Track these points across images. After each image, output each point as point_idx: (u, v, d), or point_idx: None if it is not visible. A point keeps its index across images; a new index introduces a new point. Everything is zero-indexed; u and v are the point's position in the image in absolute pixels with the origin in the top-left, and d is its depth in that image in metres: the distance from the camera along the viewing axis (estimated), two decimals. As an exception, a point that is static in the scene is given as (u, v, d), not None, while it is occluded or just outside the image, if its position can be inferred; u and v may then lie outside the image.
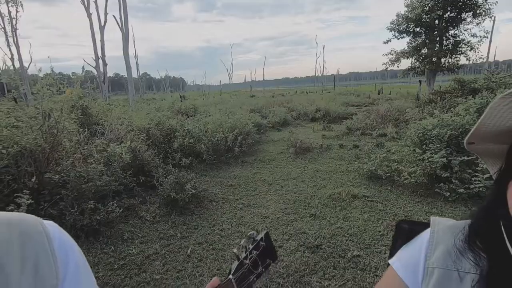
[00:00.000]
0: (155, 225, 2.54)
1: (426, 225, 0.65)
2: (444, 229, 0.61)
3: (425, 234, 0.63)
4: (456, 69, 15.92)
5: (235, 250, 0.66)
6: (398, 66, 17.70)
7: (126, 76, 15.43)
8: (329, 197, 3.01)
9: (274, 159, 4.64)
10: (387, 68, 17.18)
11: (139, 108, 7.86)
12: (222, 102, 13.04)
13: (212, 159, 4.35)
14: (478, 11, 14.69)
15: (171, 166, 3.61)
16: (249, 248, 0.67)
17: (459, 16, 15.03)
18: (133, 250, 2.15)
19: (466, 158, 2.88)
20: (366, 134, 6.21)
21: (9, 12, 24.54)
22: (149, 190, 3.22)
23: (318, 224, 2.48)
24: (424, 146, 3.32)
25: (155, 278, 1.85)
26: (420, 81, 14.04)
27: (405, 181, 3.10)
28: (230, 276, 0.60)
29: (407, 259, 0.63)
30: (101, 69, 18.18)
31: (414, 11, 15.19)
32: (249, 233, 0.70)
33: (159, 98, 23.59)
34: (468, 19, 15.10)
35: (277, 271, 1.86)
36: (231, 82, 60.06)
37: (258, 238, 0.70)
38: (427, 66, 15.58)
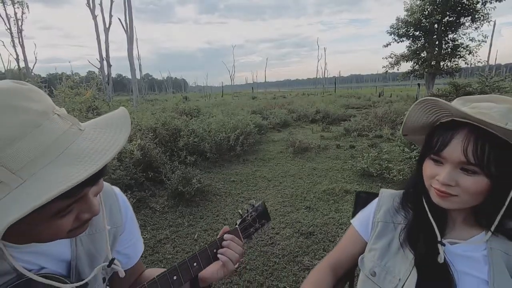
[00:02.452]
0: (164, 215, 2.81)
1: (377, 194, 0.92)
2: (387, 196, 0.88)
3: (375, 200, 0.90)
4: (455, 73, 16.15)
5: (240, 211, 0.93)
6: (398, 69, 17.96)
7: (128, 76, 15.74)
8: (324, 192, 3.27)
9: (273, 158, 4.90)
10: (387, 71, 17.44)
11: (145, 108, 8.13)
12: (224, 103, 13.32)
13: (215, 157, 4.61)
14: (476, 16, 14.93)
15: (177, 163, 3.87)
16: (249, 210, 0.93)
17: (458, 21, 15.30)
18: (146, 235, 2.41)
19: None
20: (363, 136, 6.45)
21: (15, 14, 24.97)
22: (157, 185, 3.48)
23: (312, 215, 2.74)
24: (413, 145, 3.57)
25: (167, 257, 2.12)
26: (418, 84, 14.31)
27: (394, 178, 3.35)
28: (237, 226, 0.87)
29: (362, 218, 0.90)
30: (105, 70, 18.49)
31: (414, 15, 15.46)
32: (250, 201, 0.97)
33: (161, 99, 23.89)
34: (467, 24, 15.37)
35: (273, 253, 2.12)
36: (232, 84, 60.42)
37: (256, 204, 0.96)
38: (426, 70, 15.82)
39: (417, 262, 0.72)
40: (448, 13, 15.06)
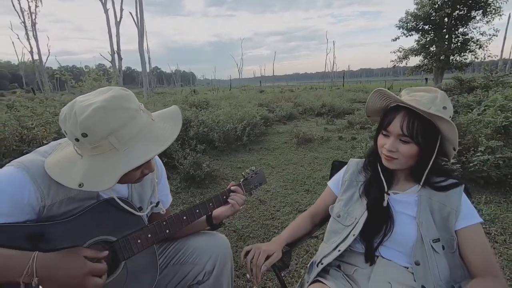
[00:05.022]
0: (178, 195, 3.14)
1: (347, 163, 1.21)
2: (354, 162, 1.17)
3: (345, 166, 1.19)
4: (464, 67, 16.01)
5: (243, 173, 1.23)
6: (406, 64, 17.86)
7: (137, 69, 16.15)
8: (322, 178, 3.55)
9: (278, 148, 5.19)
10: (394, 66, 17.37)
11: (156, 100, 8.48)
12: (232, 96, 13.57)
13: (223, 146, 4.93)
14: (488, 9, 14.71)
15: (188, 150, 4.19)
16: (250, 173, 1.23)
17: (468, 14, 15.11)
18: (163, 210, 2.75)
19: (440, 146, 3.35)
20: (366, 128, 6.65)
21: (29, 7, 25.55)
22: (171, 169, 3.81)
23: (310, 196, 3.03)
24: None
25: (181, 228, 2.45)
26: (426, 79, 14.27)
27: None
28: (240, 182, 1.17)
29: (335, 180, 1.20)
30: (116, 63, 18.89)
31: (423, 8, 15.33)
32: (251, 167, 1.27)
33: (169, 92, 24.23)
34: (478, 17, 15.16)
35: (273, 225, 2.43)
36: (240, 77, 60.51)
37: (256, 170, 1.26)
38: (434, 64, 15.73)
39: (369, 206, 1.02)
40: (458, 6, 14.89)
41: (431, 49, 16.29)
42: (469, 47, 15.57)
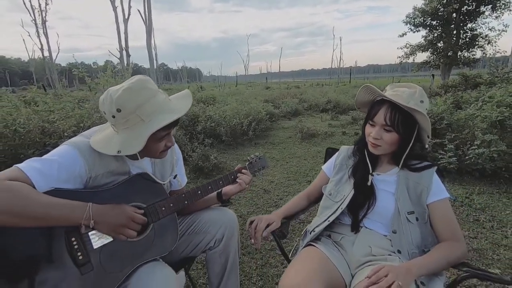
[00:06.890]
0: (187, 185, 3.32)
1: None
2: (345, 149, 1.34)
3: (337, 152, 1.36)
4: (472, 63, 15.84)
5: (248, 158, 1.41)
6: (414, 60, 17.73)
7: (144, 66, 16.35)
8: (324, 170, 3.71)
9: (282, 142, 5.36)
10: (401, 62, 17.27)
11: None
12: (238, 93, 13.73)
13: (230, 140, 5.13)
14: (498, 4, 14.49)
15: (196, 143, 4.40)
16: (254, 157, 1.41)
17: (477, 9, 14.92)
18: (174, 198, 2.96)
19: (438, 140, 3.48)
20: (369, 124, 6.76)
21: (39, 5, 25.99)
22: (180, 161, 4.02)
23: (312, 187, 3.21)
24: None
25: (192, 213, 2.65)
26: (433, 75, 14.16)
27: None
28: (245, 165, 1.35)
29: (328, 164, 1.37)
30: (125, 60, 19.16)
31: (431, 4, 15.16)
32: (255, 153, 1.45)
33: (176, 88, 24.45)
34: (487, 13, 14.95)
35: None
36: (246, 74, 60.56)
37: (259, 155, 1.44)
38: (442, 60, 15.59)
39: (356, 185, 1.19)
40: (467, 1, 14.71)
41: (439, 45, 16.14)
42: (477, 42, 15.38)
